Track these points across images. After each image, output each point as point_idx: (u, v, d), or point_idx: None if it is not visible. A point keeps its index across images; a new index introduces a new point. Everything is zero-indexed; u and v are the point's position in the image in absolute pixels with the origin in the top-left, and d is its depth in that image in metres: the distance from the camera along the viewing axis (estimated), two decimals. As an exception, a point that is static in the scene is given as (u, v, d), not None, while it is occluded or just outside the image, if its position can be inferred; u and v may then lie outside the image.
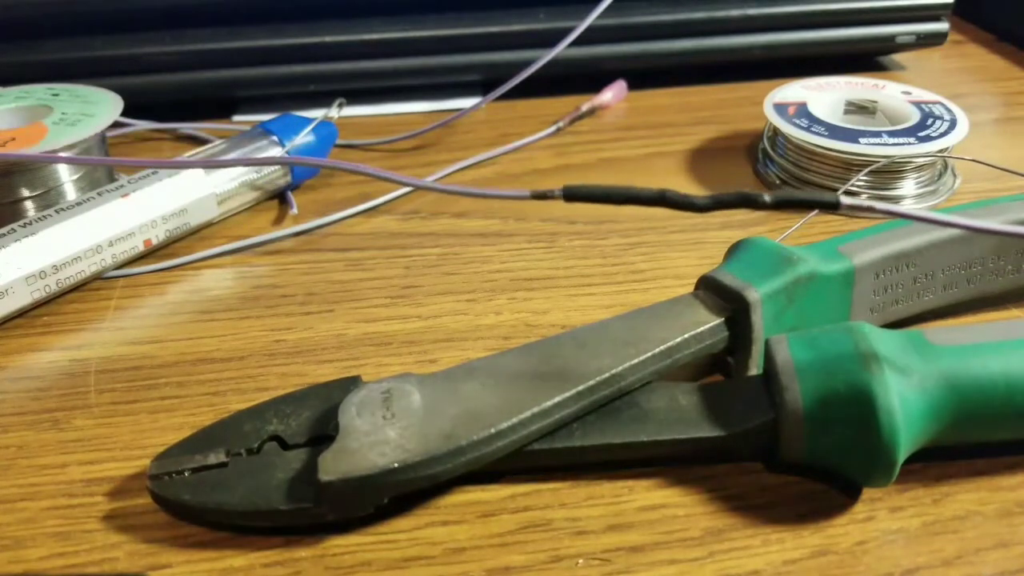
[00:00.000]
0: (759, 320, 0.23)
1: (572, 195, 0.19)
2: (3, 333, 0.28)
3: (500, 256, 0.31)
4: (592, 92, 0.42)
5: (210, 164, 0.28)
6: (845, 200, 0.19)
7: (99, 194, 0.30)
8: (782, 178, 0.35)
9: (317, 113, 0.35)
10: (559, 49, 0.38)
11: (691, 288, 0.25)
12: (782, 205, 0.19)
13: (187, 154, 0.33)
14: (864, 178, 0.33)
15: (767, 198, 0.19)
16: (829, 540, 0.20)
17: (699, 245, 0.31)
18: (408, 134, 0.39)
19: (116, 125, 0.34)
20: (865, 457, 0.20)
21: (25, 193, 0.31)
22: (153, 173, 0.31)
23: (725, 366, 0.24)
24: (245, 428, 0.22)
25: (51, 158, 0.30)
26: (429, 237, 0.32)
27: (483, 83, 0.42)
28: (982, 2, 0.51)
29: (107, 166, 0.33)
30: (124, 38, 0.39)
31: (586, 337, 0.23)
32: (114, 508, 0.21)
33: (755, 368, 0.23)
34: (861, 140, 0.32)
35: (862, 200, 0.19)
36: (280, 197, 0.35)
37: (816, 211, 0.21)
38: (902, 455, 0.20)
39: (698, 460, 0.22)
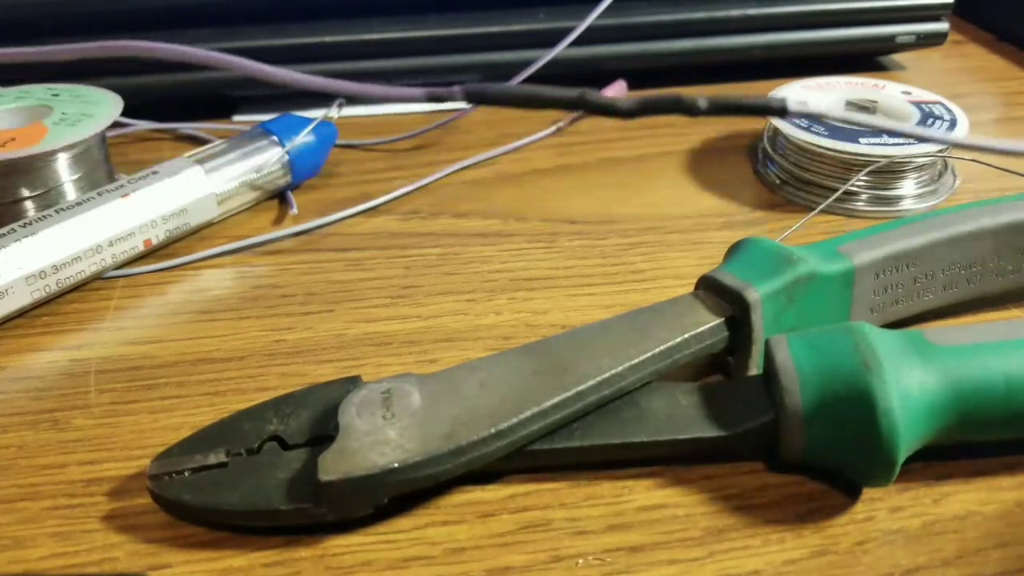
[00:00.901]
0: (759, 320, 0.23)
1: (473, 96, 0.18)
2: (3, 333, 0.28)
3: (500, 256, 0.31)
4: (592, 92, 0.42)
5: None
6: (792, 107, 0.18)
7: (99, 194, 0.30)
8: (782, 178, 0.35)
9: (317, 113, 0.35)
10: (559, 49, 0.38)
11: (691, 288, 0.25)
12: (718, 110, 0.18)
13: (187, 155, 0.32)
14: (864, 178, 0.33)
15: (701, 103, 0.18)
16: (829, 540, 0.20)
17: (699, 245, 0.31)
18: (408, 134, 0.39)
19: (116, 125, 0.34)
20: (865, 457, 0.20)
21: (25, 193, 0.31)
22: (153, 173, 0.31)
23: (725, 366, 0.24)
24: (245, 428, 0.22)
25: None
26: (429, 237, 0.32)
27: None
28: (982, 2, 0.51)
29: (110, 166, 0.33)
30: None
31: (586, 337, 0.23)
32: (114, 508, 0.21)
33: (755, 368, 0.23)
34: (861, 140, 0.32)
35: (805, 115, 0.19)
36: (280, 197, 0.35)
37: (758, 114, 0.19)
38: (902, 455, 0.20)
39: (698, 460, 0.22)
